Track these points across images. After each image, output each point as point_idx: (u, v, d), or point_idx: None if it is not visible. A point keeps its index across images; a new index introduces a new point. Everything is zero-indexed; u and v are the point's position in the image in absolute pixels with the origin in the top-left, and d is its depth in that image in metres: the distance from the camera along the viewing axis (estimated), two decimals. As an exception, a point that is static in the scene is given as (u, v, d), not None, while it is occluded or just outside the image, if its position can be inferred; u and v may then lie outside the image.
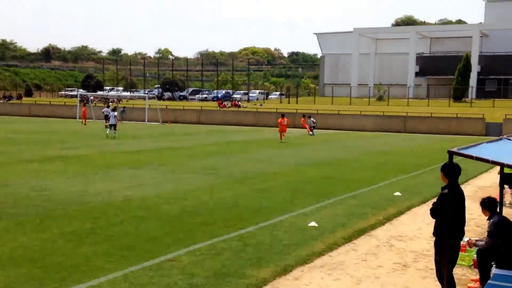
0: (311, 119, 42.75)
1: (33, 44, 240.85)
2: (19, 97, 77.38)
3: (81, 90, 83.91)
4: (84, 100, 64.27)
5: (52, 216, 10.93)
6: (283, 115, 36.41)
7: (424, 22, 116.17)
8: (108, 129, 33.38)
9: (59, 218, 10.73)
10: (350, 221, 11.26)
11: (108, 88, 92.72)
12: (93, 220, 10.69)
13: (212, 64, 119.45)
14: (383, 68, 79.71)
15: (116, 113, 35.62)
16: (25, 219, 10.54)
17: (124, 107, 54.03)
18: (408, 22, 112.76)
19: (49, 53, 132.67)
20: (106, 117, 47.08)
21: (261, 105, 67.77)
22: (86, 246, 8.84)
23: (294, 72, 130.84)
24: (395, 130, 47.97)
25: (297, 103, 70.16)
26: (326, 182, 16.64)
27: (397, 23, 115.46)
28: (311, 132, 41.19)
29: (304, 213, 11.91)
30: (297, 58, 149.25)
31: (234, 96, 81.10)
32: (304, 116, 45.09)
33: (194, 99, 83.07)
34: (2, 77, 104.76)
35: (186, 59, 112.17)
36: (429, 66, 75.75)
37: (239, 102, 68.87)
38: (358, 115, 51.56)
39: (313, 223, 10.83)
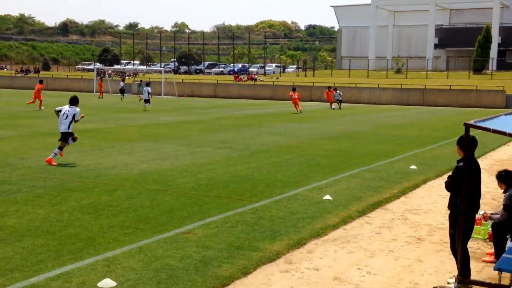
0: (338, 91, 41.18)
1: (51, 18, 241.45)
2: (37, 71, 77.86)
3: (98, 64, 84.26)
4: (101, 74, 64.53)
5: (69, 188, 11.06)
6: (294, 89, 36.51)
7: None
8: (146, 104, 34.77)
9: (76, 191, 10.86)
10: (365, 195, 11.23)
11: (124, 62, 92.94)
12: (109, 192, 10.80)
13: (229, 38, 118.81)
14: (401, 40, 78.65)
15: (149, 88, 36.28)
16: (43, 192, 10.68)
17: (141, 80, 54.09)
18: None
19: (66, 27, 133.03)
20: (122, 91, 47.63)
21: (277, 78, 67.44)
22: (103, 219, 8.94)
23: (311, 45, 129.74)
24: (413, 103, 47.52)
25: (313, 76, 69.68)
26: (342, 156, 16.59)
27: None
28: (333, 106, 39.98)
29: (318, 187, 11.90)
30: (314, 31, 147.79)
31: (251, 69, 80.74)
32: (329, 88, 42.28)
33: (211, 72, 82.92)
34: (20, 51, 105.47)
35: (202, 33, 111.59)
36: (448, 38, 74.55)
37: (256, 76, 68.56)
38: (376, 88, 51.11)
39: (327, 197, 10.83)
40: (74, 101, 14.43)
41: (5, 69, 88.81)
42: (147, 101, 34.93)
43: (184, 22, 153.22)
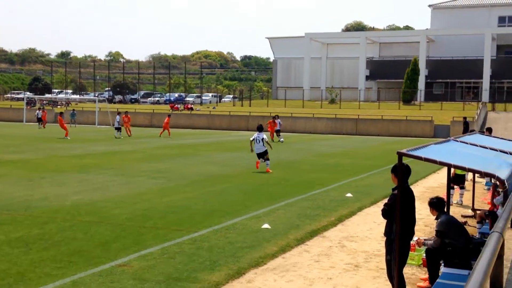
0: (278, 120, 38.26)
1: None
2: (-38, 100, 74.61)
3: (28, 93, 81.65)
4: (31, 103, 62.59)
5: (-4, 222, 10.55)
6: (274, 117, 37.89)
7: (373, 28, 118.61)
8: (116, 132, 36.31)
9: (4, 224, 10.36)
10: (303, 223, 11.32)
11: (56, 91, 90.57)
12: (40, 225, 10.37)
13: (164, 67, 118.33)
14: (335, 71, 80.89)
15: (119, 117, 37.51)
16: (-32, 226, 10.14)
17: (74, 110, 52.88)
18: (358, 27, 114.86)
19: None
20: (39, 120, 46.90)
21: (214, 108, 67.58)
22: (34, 253, 8.56)
23: (247, 76, 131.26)
24: (347, 132, 48.70)
25: (250, 106, 70.29)
26: (279, 184, 16.70)
27: (347, 29, 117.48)
28: (282, 139, 36.01)
29: (257, 216, 11.89)
30: (250, 62, 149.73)
31: (187, 99, 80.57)
32: (274, 118, 38.26)
33: (146, 102, 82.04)
34: None
35: (137, 62, 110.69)
36: (379, 70, 77.34)
37: (192, 105, 68.46)
38: (311, 117, 52.09)
39: (266, 225, 10.83)
40: None
41: None
42: (118, 129, 36.38)
43: (119, 51, 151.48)
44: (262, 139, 19.82)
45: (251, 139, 20.03)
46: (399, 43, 79.38)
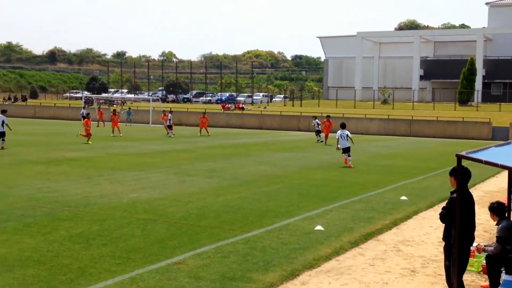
0: (316, 120, 37.58)
1: (38, 46, 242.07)
2: (24, 99, 77.54)
3: (85, 92, 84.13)
4: (89, 102, 64.40)
5: (59, 218, 10.93)
6: (328, 116, 35.04)
7: (428, 26, 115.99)
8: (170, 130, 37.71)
9: (66, 220, 10.73)
10: (357, 225, 11.22)
11: (112, 90, 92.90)
12: (99, 222, 10.69)
13: (216, 67, 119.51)
14: (387, 71, 79.70)
15: (171, 116, 38.72)
16: (33, 221, 10.54)
17: (129, 108, 54.07)
18: (411, 26, 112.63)
19: (54, 56, 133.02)
20: (83, 117, 48.15)
21: (265, 107, 67.76)
22: (93, 248, 8.83)
23: (297, 75, 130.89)
24: (400, 133, 47.88)
25: (301, 106, 70.13)
26: (332, 186, 16.61)
27: (400, 27, 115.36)
28: (320, 138, 35.41)
29: (310, 217, 11.88)
30: (300, 62, 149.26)
31: (238, 98, 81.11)
32: (328, 118, 35.25)
33: (198, 101, 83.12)
34: (8, 79, 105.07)
35: (190, 62, 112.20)
36: (433, 69, 75.67)
37: (243, 105, 68.86)
38: (363, 118, 51.49)
39: (319, 227, 10.80)
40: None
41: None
42: (170, 127, 37.80)
43: (172, 51, 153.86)
44: (347, 135, 21.83)
45: (337, 136, 22.05)
46: (455, 42, 77.42)
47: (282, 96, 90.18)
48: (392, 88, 71.63)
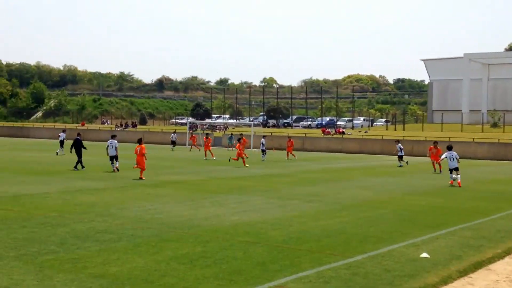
0: (399, 144, 36.40)
1: (148, 75, 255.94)
2: (134, 125, 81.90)
3: (190, 118, 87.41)
4: (193, 128, 66.79)
5: (165, 238, 11.38)
6: (436, 142, 31.83)
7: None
8: (263, 155, 38.03)
9: (172, 241, 11.14)
10: (465, 254, 10.69)
11: (215, 116, 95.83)
12: (203, 243, 10.99)
13: (316, 92, 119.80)
14: (497, 93, 75.98)
15: (264, 140, 39.41)
16: (142, 241, 11.05)
17: (231, 134, 55.42)
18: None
19: (162, 84, 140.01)
20: (173, 143, 50.30)
21: (366, 132, 66.78)
22: (197, 269, 9.08)
23: (400, 99, 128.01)
24: None
25: (404, 129, 68.38)
26: (437, 212, 15.98)
27: (511, 48, 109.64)
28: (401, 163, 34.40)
29: (414, 244, 11.48)
30: (403, 85, 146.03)
31: (338, 123, 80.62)
32: (435, 143, 31.99)
33: (298, 126, 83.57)
34: (120, 106, 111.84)
35: (290, 87, 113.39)
36: (548, 90, 71.13)
37: (343, 129, 68.30)
38: (471, 142, 49.26)
39: (425, 254, 10.41)
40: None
41: (106, 123, 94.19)
42: (264, 152, 38.09)
43: (272, 77, 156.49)
44: (455, 156, 23.59)
45: (443, 157, 24.14)
46: None
47: (383, 120, 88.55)
48: (503, 111, 68.05)
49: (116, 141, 27.07)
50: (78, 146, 27.77)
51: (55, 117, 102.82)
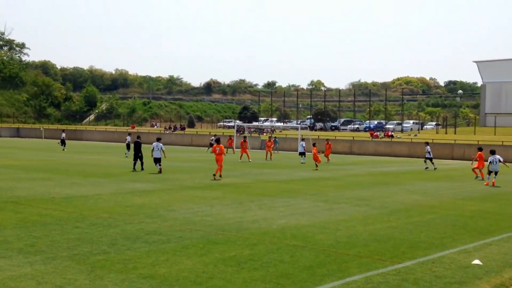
0: (427, 146, 36.07)
1: (196, 79, 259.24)
2: (182, 128, 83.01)
3: (237, 121, 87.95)
4: (240, 131, 67.17)
5: (213, 241, 11.49)
6: (480, 149, 28.95)
7: None
8: (302, 158, 38.28)
9: (219, 243, 11.24)
10: (520, 261, 10.36)
11: (262, 119, 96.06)
12: (250, 246, 11.04)
13: (364, 95, 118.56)
14: (555, 95, 73.24)
15: (304, 143, 39.58)
16: (190, 243, 11.19)
17: (276, 137, 55.51)
18: None
19: (210, 87, 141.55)
20: (211, 145, 50.60)
21: (415, 135, 65.56)
22: (245, 272, 9.13)
23: (451, 102, 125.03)
24: None
25: (455, 133, 66.80)
26: (490, 217, 15.53)
27: None
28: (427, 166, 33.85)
29: (466, 250, 11.20)
30: (454, 87, 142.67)
31: (387, 126, 79.46)
32: (479, 149, 29.05)
33: (346, 129, 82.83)
34: (169, 109, 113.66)
35: (338, 90, 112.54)
36: None
37: (392, 133, 67.25)
38: (526, 146, 47.66)
39: (477, 261, 10.14)
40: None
41: (155, 126, 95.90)
42: (302, 154, 38.32)
43: (320, 80, 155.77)
44: (499, 159, 25.19)
45: (489, 161, 25.23)
46: None
47: (434, 123, 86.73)
48: (561, 113, 65.56)
49: (161, 144, 27.67)
50: (138, 148, 28.67)
51: (106, 120, 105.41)
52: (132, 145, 33.06)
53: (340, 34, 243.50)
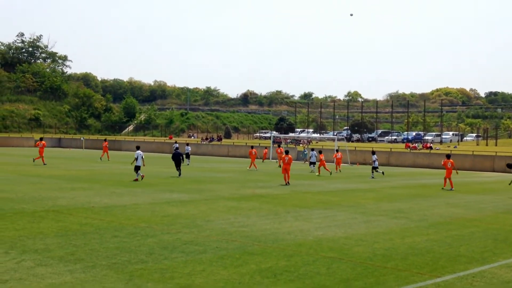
0: (374, 155, 36.22)
1: (233, 90, 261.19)
2: (219, 139, 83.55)
3: (274, 132, 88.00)
4: (277, 142, 67.22)
5: (249, 251, 11.51)
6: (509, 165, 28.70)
7: None
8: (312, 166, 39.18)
9: (255, 254, 11.25)
10: None
11: (299, 130, 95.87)
12: (287, 258, 11.01)
13: (402, 106, 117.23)
14: None
15: (315, 153, 40.43)
16: (226, 253, 11.24)
17: (304, 149, 55.74)
18: None
19: (247, 98, 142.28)
20: (188, 156, 49.25)
21: (455, 147, 64.36)
22: (281, 283, 9.11)
23: (492, 113, 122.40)
24: None
25: (496, 145, 65.31)
26: (534, 232, 15.10)
27: None
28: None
29: (508, 265, 10.93)
30: (495, 98, 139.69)
31: (426, 138, 78.24)
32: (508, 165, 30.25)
33: (383, 140, 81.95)
34: (206, 120, 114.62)
35: (375, 101, 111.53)
36: None
37: (431, 144, 66.15)
38: None
39: (519, 277, 9.88)
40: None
41: (192, 137, 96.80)
42: (313, 164, 38.97)
43: (357, 91, 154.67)
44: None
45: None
46: None
47: (474, 135, 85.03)
48: None
49: (142, 153, 28.59)
50: (177, 157, 31.33)
51: (145, 131, 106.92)
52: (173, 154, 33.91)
53: (378, 45, 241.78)
